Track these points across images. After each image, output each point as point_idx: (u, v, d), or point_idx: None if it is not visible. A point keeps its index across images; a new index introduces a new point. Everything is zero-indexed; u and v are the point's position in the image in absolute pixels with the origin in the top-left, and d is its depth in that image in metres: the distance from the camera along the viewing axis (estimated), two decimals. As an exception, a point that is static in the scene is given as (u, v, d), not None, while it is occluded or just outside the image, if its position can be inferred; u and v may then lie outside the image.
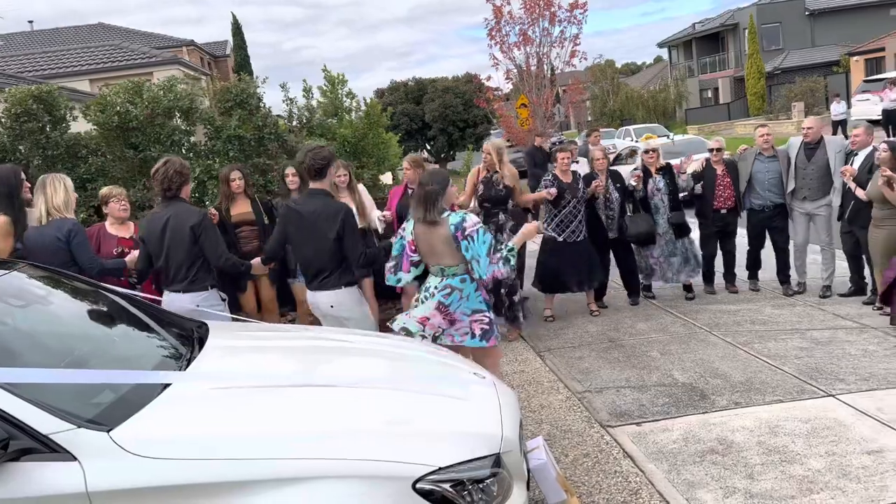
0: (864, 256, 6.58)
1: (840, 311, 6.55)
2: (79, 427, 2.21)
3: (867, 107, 22.89)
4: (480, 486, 2.41)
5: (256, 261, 4.56)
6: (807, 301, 6.94)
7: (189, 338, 3.21)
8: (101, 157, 6.74)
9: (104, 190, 5.14)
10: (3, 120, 6.52)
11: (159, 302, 4.17)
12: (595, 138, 9.98)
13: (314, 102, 7.42)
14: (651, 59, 77.56)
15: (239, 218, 5.61)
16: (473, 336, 3.89)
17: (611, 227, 7.04)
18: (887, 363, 5.16)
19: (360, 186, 6.15)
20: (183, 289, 4.18)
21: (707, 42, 45.38)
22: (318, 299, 4.28)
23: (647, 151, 7.36)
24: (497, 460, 2.50)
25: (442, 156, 40.24)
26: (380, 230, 6.00)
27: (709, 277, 7.50)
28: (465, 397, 2.87)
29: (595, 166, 7.14)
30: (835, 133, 6.39)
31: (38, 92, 6.48)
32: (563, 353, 5.99)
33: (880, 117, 21.56)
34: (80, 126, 7.08)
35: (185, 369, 2.82)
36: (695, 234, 7.36)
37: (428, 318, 3.85)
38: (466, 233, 3.74)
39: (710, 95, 45.23)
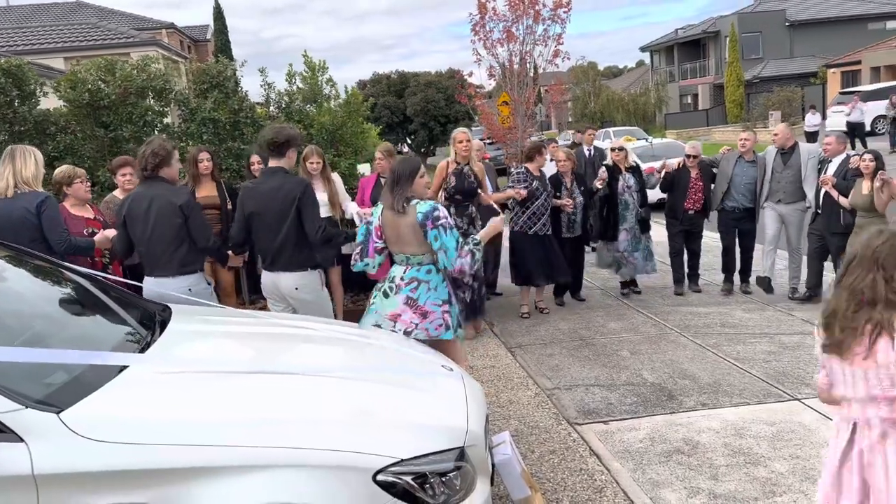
0: (828, 264, 6.77)
1: (809, 316, 6.61)
2: (27, 407, 2.13)
3: (841, 118, 23.26)
4: (443, 479, 2.37)
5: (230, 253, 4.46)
6: (777, 306, 7.00)
7: (150, 321, 3.13)
8: (70, 134, 6.58)
9: (66, 170, 4.89)
10: (-31, 93, 6.33)
11: (132, 285, 4.04)
12: (589, 136, 9.98)
13: (294, 88, 7.30)
14: (633, 62, 78.17)
15: (204, 201, 5.45)
16: (448, 328, 3.79)
17: (571, 229, 7.05)
18: (853, 369, 5.20)
19: (335, 176, 6.07)
20: (173, 272, 3.99)
21: (688, 48, 45.79)
22: (281, 280, 4.19)
23: (614, 150, 7.42)
24: (461, 454, 2.46)
25: (422, 150, 40.13)
26: (357, 223, 5.92)
27: (679, 278, 7.61)
28: (431, 389, 2.83)
29: (559, 168, 7.12)
30: None
31: (6, 66, 6.30)
32: (534, 350, 5.97)
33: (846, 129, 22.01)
34: (52, 103, 6.90)
35: (143, 352, 2.74)
36: (662, 235, 7.50)
37: (399, 315, 3.75)
38: (439, 223, 3.67)
39: (689, 101, 45.66)
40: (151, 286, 4.01)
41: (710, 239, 7.98)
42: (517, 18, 16.65)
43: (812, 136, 21.36)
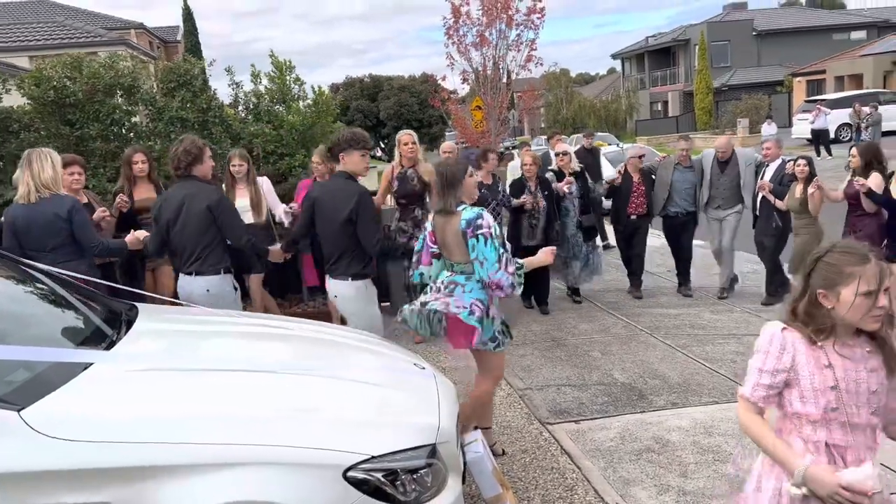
0: (778, 265, 7.08)
1: (775, 317, 6.72)
2: (-15, 405, 2.07)
3: (807, 126, 23.77)
4: (414, 476, 2.35)
5: (275, 247, 4.40)
6: (744, 307, 7.11)
7: (116, 319, 3.06)
8: (34, 132, 6.44)
9: None
10: (-73, 89, 6.17)
11: (102, 284, 3.95)
12: (556, 142, 10.01)
13: (262, 87, 7.23)
14: (604, 69, 78.98)
15: (141, 203, 5.26)
16: (471, 313, 3.50)
17: (532, 236, 6.76)
18: (818, 369, 5.29)
19: (263, 179, 5.93)
20: (195, 271, 4.00)
21: (659, 56, 46.46)
22: (331, 287, 4.17)
23: (558, 155, 7.37)
24: (433, 451, 2.45)
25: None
26: (286, 223, 5.85)
27: (635, 281, 7.73)
28: (402, 386, 2.82)
29: (524, 171, 6.88)
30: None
31: (-33, 62, 6.15)
32: (506, 351, 5.97)
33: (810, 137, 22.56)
34: (14, 101, 6.75)
35: (108, 350, 2.68)
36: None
37: (428, 301, 3.67)
38: (480, 231, 3.48)
39: (659, 108, 46.28)
40: (180, 284, 4.11)
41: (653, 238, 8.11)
42: (490, 23, 16.75)
43: None
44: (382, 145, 38.16)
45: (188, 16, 31.83)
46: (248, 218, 5.28)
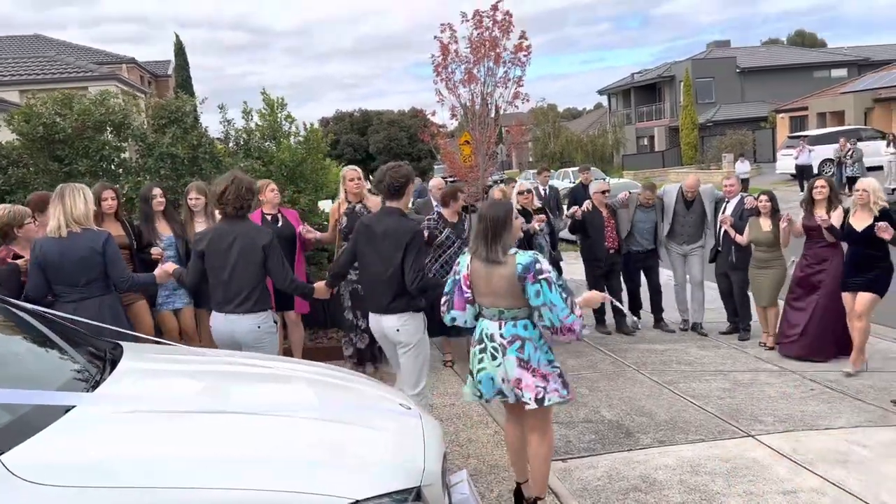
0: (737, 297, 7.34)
1: (762, 354, 6.77)
2: (-36, 450, 2.04)
3: (790, 161, 24.11)
4: (399, 520, 2.33)
5: (320, 284, 4.38)
6: (731, 343, 7.15)
7: (101, 359, 3.04)
8: (22, 168, 6.44)
9: (13, 211, 4.55)
10: (-83, 125, 6.18)
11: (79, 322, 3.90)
12: (544, 177, 10.15)
13: (252, 125, 7.29)
14: (591, 105, 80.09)
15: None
16: (565, 386, 3.56)
17: None
18: (803, 405, 5.33)
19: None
20: (246, 310, 4.00)
21: (645, 92, 47.25)
22: (384, 323, 4.13)
23: (521, 193, 7.33)
24: (418, 493, 2.43)
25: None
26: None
27: (600, 318, 7.79)
28: (387, 427, 2.80)
29: None
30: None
31: (-43, 97, 6.18)
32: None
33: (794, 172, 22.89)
34: (2, 137, 6.76)
35: (92, 391, 2.66)
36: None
37: (520, 379, 3.45)
38: (542, 276, 3.33)
39: (646, 143, 46.93)
40: (221, 323, 4.07)
41: (666, 276, 8.13)
42: (478, 60, 17.00)
43: (744, 183, 21.95)
44: (371, 178, 38.36)
45: (180, 50, 32.08)
46: None
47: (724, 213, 7.17)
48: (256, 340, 4.05)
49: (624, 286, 7.80)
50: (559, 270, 7.31)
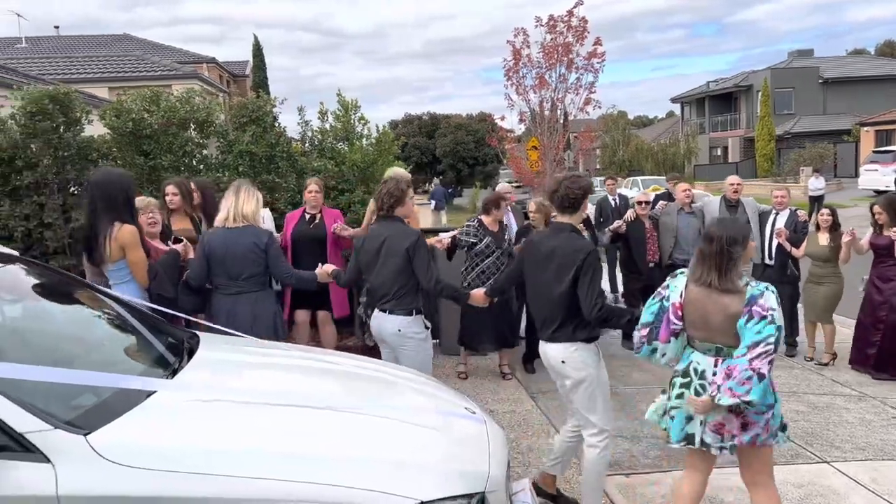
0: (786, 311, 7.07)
1: (838, 377, 6.47)
2: (55, 428, 2.14)
3: (875, 177, 23.02)
4: (462, 524, 2.33)
5: (479, 291, 4.25)
6: (805, 365, 6.86)
7: (179, 347, 3.16)
8: (111, 161, 6.75)
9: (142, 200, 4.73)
10: (17, 117, 6.55)
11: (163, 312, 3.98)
12: (611, 185, 9.93)
13: (327, 126, 7.44)
14: (662, 113, 78.57)
15: (179, 233, 5.12)
16: (769, 434, 3.21)
17: None
18: (884, 434, 5.06)
19: (265, 211, 5.72)
20: (389, 309, 4.07)
21: (720, 101, 45.95)
22: (548, 353, 3.70)
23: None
24: (482, 499, 2.43)
25: (449, 190, 40.48)
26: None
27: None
28: (454, 431, 2.80)
29: (531, 219, 6.46)
30: (811, 210, 6.50)
31: (54, 93, 6.51)
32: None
33: (888, 188, 21.64)
34: (94, 130, 7.11)
35: (171, 378, 2.76)
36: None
37: (723, 424, 3.11)
38: (755, 308, 2.96)
39: (719, 153, 45.62)
40: (375, 319, 4.16)
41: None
42: (550, 66, 16.92)
43: (815, 201, 20.89)
44: (437, 181, 38.59)
45: (258, 51, 33.10)
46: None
47: (773, 225, 6.97)
48: (399, 342, 4.06)
49: None
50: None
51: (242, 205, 4.24)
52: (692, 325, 3.15)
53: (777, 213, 7.07)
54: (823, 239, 6.62)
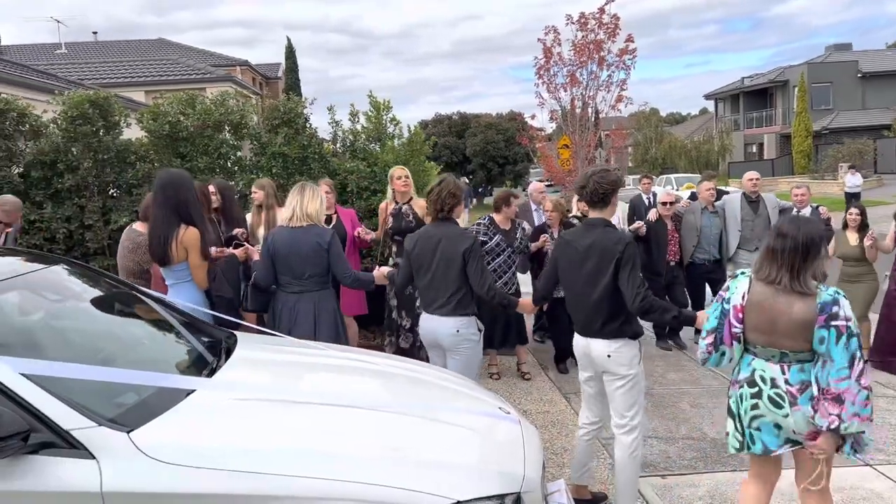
0: None
1: (879, 377, 6.30)
2: (100, 425, 2.20)
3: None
4: (497, 525, 2.33)
5: (527, 301, 4.24)
6: (846, 365, 6.72)
7: (217, 347, 3.20)
8: (148, 163, 6.89)
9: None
10: (59, 122, 6.72)
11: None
12: (646, 185, 9.74)
13: (359, 126, 7.48)
14: (695, 110, 77.46)
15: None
16: (867, 444, 3.00)
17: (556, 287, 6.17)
18: (930, 437, 4.92)
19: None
20: (447, 312, 4.00)
21: (755, 97, 45.14)
22: (592, 349, 3.63)
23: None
24: (517, 500, 2.43)
25: (479, 190, 40.44)
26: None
27: (661, 332, 7.45)
28: (489, 431, 2.80)
29: (546, 217, 6.49)
30: (848, 206, 6.31)
31: (94, 97, 6.67)
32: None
33: None
34: (132, 134, 7.26)
35: (210, 377, 2.80)
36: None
37: (818, 434, 2.91)
38: (833, 323, 2.77)
39: (754, 150, 44.82)
40: (427, 322, 4.11)
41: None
42: (582, 64, 16.78)
43: (851, 198, 20.39)
44: (468, 180, 38.60)
45: (290, 53, 33.44)
46: None
47: None
48: (455, 345, 4.00)
49: (689, 300, 7.31)
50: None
51: (307, 204, 4.26)
52: (755, 328, 2.99)
53: (798, 211, 6.97)
54: (853, 238, 6.63)
